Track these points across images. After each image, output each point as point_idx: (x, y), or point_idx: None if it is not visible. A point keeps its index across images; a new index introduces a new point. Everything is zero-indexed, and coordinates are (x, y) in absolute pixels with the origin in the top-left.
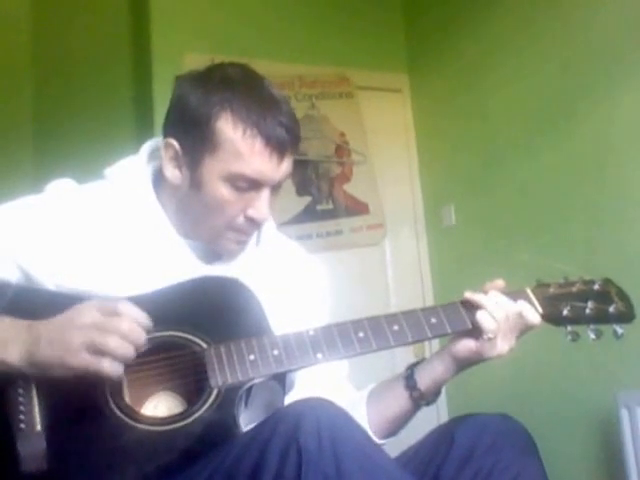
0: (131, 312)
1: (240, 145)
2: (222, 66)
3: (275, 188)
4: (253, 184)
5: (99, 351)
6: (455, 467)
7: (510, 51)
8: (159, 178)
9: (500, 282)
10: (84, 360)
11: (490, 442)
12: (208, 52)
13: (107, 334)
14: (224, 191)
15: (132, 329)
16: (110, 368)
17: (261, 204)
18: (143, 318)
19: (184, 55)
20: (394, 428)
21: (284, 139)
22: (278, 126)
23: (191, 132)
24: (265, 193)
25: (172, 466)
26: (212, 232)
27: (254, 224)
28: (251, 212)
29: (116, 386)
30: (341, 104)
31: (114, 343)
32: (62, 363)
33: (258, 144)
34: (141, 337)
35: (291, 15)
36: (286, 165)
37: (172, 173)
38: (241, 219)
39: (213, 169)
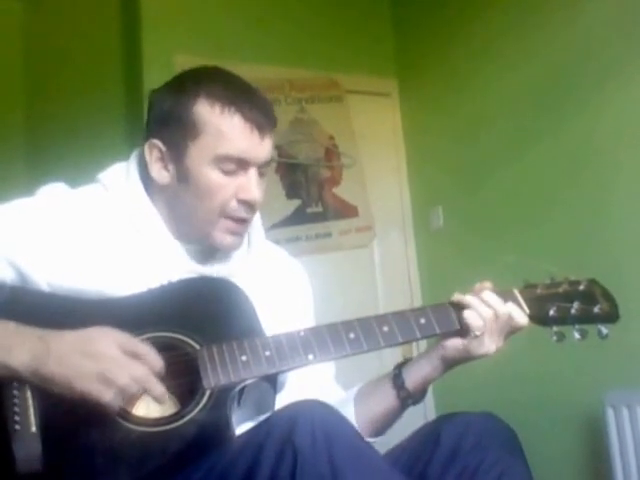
0: (149, 358)
1: (220, 123)
2: (192, 68)
3: (261, 170)
4: (240, 164)
5: (107, 383)
6: (441, 466)
7: (497, 55)
8: (148, 185)
9: (488, 284)
10: (91, 388)
11: (475, 441)
12: (199, 54)
13: (121, 372)
14: (213, 176)
15: (146, 377)
16: (112, 400)
17: (251, 185)
18: (159, 366)
19: (174, 58)
20: (382, 427)
21: (261, 117)
22: (254, 105)
23: (171, 125)
24: (253, 173)
25: (166, 467)
26: (206, 222)
27: (247, 207)
28: (242, 194)
29: None
30: (331, 108)
31: (125, 381)
32: (69, 385)
33: (237, 120)
34: (154, 387)
35: (281, 19)
36: (268, 143)
37: (159, 174)
38: (234, 203)
39: (199, 156)
